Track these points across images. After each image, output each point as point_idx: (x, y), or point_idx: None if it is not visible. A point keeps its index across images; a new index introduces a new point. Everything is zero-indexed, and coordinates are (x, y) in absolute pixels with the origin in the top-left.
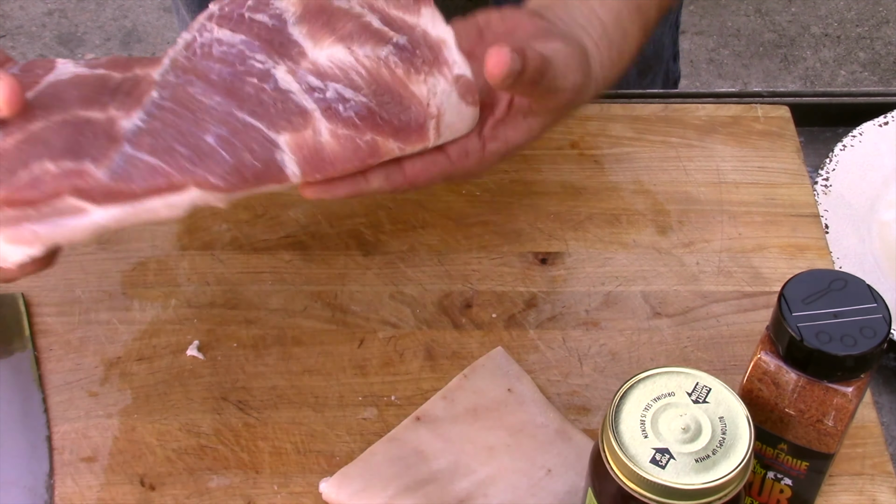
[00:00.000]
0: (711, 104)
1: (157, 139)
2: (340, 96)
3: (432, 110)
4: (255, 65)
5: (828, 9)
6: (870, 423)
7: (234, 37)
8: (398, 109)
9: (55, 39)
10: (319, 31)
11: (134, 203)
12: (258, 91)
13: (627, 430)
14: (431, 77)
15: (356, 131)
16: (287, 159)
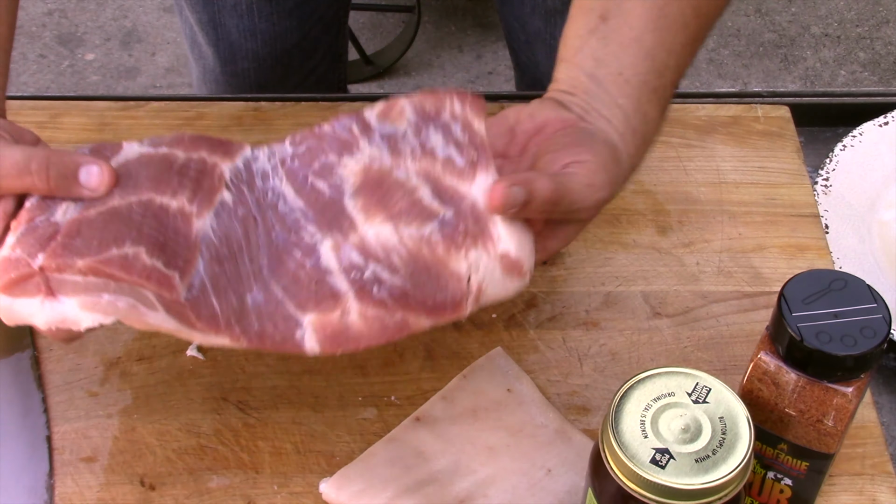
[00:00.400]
0: (711, 104)
1: (220, 277)
2: (377, 277)
3: (472, 286)
4: (304, 237)
5: (828, 9)
6: (870, 423)
7: (296, 200)
8: (434, 289)
9: (55, 39)
10: (373, 206)
11: (191, 330)
12: (298, 267)
13: (627, 430)
14: (474, 251)
15: (386, 311)
16: (308, 336)
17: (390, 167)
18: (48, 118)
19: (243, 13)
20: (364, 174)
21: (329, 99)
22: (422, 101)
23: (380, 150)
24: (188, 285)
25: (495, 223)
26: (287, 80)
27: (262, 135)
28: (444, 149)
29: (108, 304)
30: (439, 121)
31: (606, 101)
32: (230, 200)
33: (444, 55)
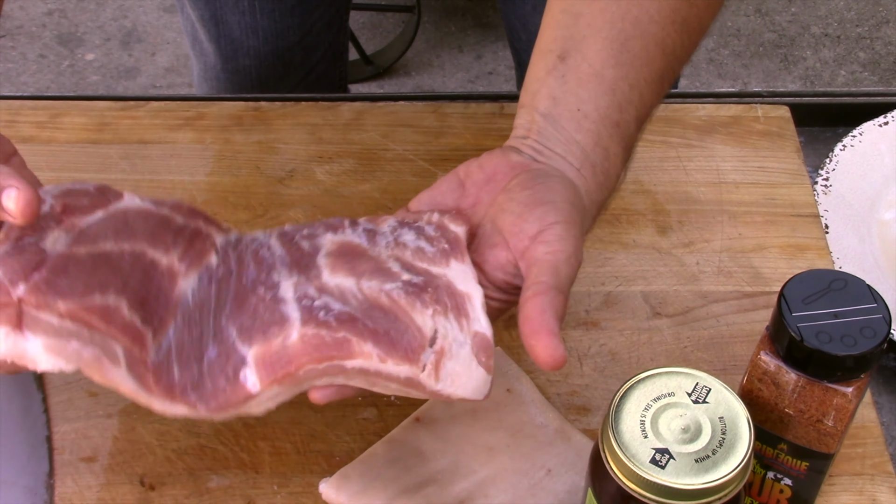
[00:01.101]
0: (711, 104)
1: (185, 344)
2: (326, 305)
3: (436, 346)
4: (273, 276)
5: (828, 9)
6: (870, 423)
7: (279, 248)
8: (389, 324)
9: (55, 39)
10: (339, 264)
11: (148, 394)
12: (258, 301)
13: (627, 430)
14: (442, 317)
15: (328, 330)
16: (250, 372)
17: (365, 248)
18: (48, 118)
19: (245, 10)
20: (340, 245)
21: (329, 99)
22: (405, 215)
23: (359, 237)
24: (157, 347)
25: (474, 306)
26: (288, 77)
27: (262, 134)
28: (414, 241)
29: (73, 351)
30: (415, 225)
31: (561, 139)
32: (214, 263)
33: (444, 55)
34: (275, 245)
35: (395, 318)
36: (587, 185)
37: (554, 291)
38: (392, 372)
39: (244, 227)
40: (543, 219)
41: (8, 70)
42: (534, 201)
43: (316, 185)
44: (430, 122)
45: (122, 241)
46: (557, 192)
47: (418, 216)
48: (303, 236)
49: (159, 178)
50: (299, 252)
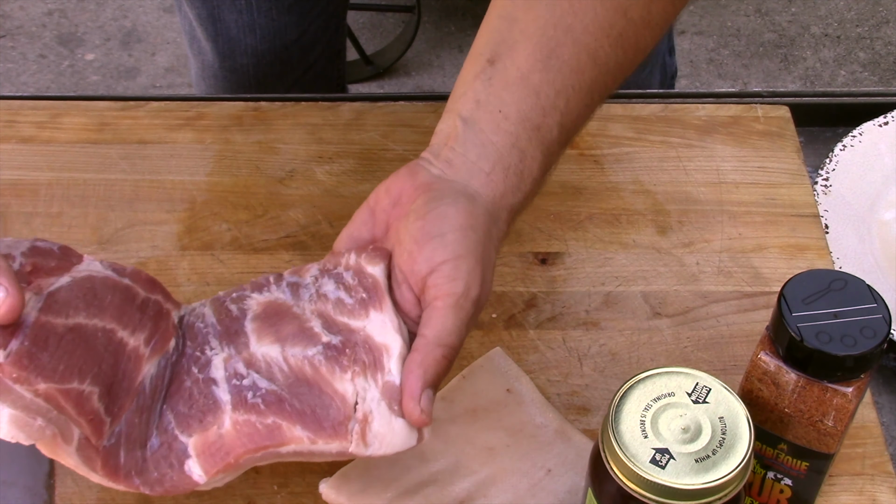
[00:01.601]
0: (711, 104)
1: (134, 429)
2: (254, 384)
3: (358, 414)
4: (206, 351)
5: (828, 9)
6: (870, 423)
7: (210, 316)
8: (314, 402)
9: (55, 39)
10: (265, 329)
11: (91, 472)
12: (193, 383)
13: (627, 430)
14: (361, 378)
15: (258, 415)
16: (193, 463)
17: (290, 305)
18: (48, 118)
19: (242, 8)
20: (266, 306)
21: (329, 99)
22: (325, 261)
23: (284, 293)
24: (110, 433)
25: (391, 356)
26: (286, 75)
27: (262, 134)
28: (334, 293)
29: (37, 428)
30: (333, 272)
31: (475, 142)
32: (172, 348)
33: (444, 55)
34: (208, 314)
35: (319, 391)
36: (497, 189)
37: (431, 346)
38: (324, 450)
39: (244, 226)
40: (432, 258)
41: (8, 70)
42: (424, 235)
43: (316, 185)
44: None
45: (93, 315)
46: (449, 221)
47: (338, 260)
48: (232, 300)
49: (159, 178)
50: (228, 318)
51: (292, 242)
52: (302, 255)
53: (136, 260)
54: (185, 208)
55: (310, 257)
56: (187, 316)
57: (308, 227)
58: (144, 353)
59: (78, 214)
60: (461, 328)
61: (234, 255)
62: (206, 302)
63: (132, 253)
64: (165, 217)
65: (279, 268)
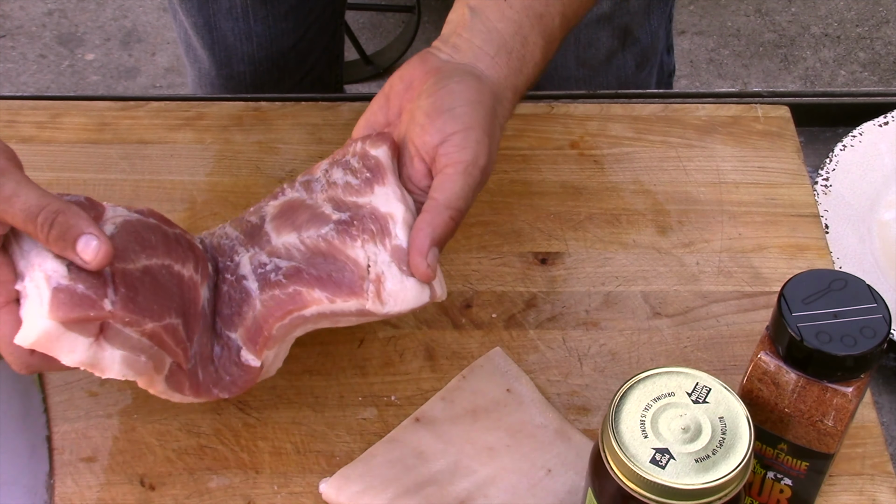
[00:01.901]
0: (711, 104)
1: (204, 348)
2: (276, 267)
3: (371, 275)
4: (233, 257)
5: (828, 9)
6: (870, 423)
7: (233, 232)
8: (329, 267)
9: (55, 39)
10: (283, 224)
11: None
12: (229, 287)
13: (627, 430)
14: (371, 245)
15: (280, 289)
16: (244, 353)
17: (302, 199)
18: (48, 118)
19: (238, 16)
20: (281, 206)
21: (329, 99)
22: (336, 153)
23: (297, 192)
24: (190, 356)
25: (395, 222)
26: (283, 82)
27: (262, 134)
28: (343, 178)
29: (143, 364)
30: (342, 160)
31: (481, 28)
32: (211, 271)
33: None
34: (230, 231)
35: (334, 259)
36: (501, 71)
37: (441, 208)
38: (344, 308)
39: None
40: (443, 129)
41: (8, 70)
42: (435, 110)
43: None
44: None
45: (151, 256)
46: (458, 96)
47: (345, 151)
48: (250, 213)
49: (159, 178)
50: (249, 227)
51: None
52: None
53: None
54: (185, 208)
55: None
56: (208, 240)
57: None
58: (198, 281)
59: None
60: (469, 193)
61: None
62: (224, 225)
63: None
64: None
65: None
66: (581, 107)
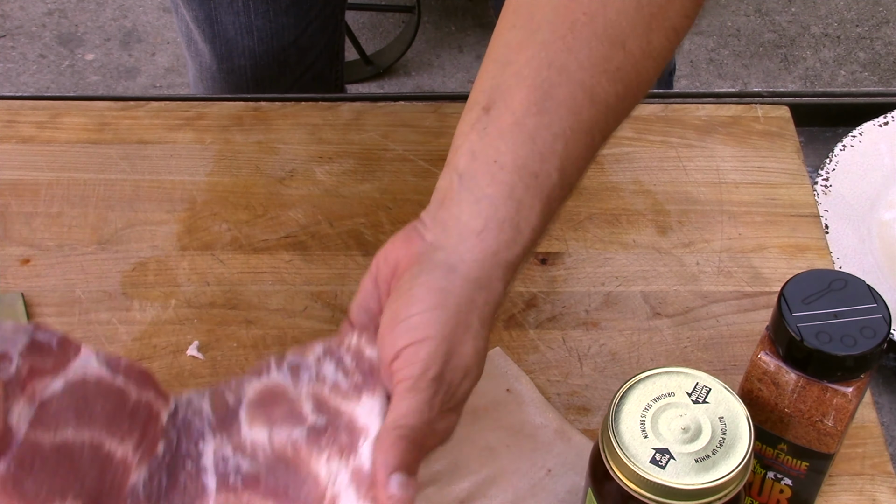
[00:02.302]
0: (711, 104)
1: None
2: (237, 467)
3: (328, 496)
4: (199, 445)
5: (828, 9)
6: (870, 423)
7: (208, 410)
8: (290, 480)
9: (55, 39)
10: (257, 414)
11: None
12: (187, 477)
13: (627, 430)
14: (336, 460)
15: (235, 495)
16: None
17: (286, 388)
18: (48, 118)
19: (239, 10)
20: (262, 390)
21: (329, 99)
22: (330, 341)
23: (283, 375)
24: None
25: (366, 439)
26: (284, 77)
27: (262, 134)
28: (333, 375)
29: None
30: (336, 354)
31: (469, 198)
32: (162, 450)
33: (444, 55)
34: (206, 408)
35: (296, 470)
36: (489, 248)
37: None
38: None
39: (244, 226)
40: (395, 344)
41: (8, 70)
42: (392, 319)
43: (316, 185)
44: (430, 122)
45: (82, 426)
46: (418, 302)
47: (342, 340)
48: (230, 389)
49: (159, 178)
50: (224, 409)
51: (292, 242)
52: (302, 255)
53: (137, 260)
54: (185, 208)
55: (310, 257)
56: (182, 409)
57: (308, 227)
58: (133, 462)
59: (78, 214)
60: (421, 408)
61: (234, 255)
62: (205, 393)
63: (132, 253)
64: (165, 217)
65: (279, 268)
66: None
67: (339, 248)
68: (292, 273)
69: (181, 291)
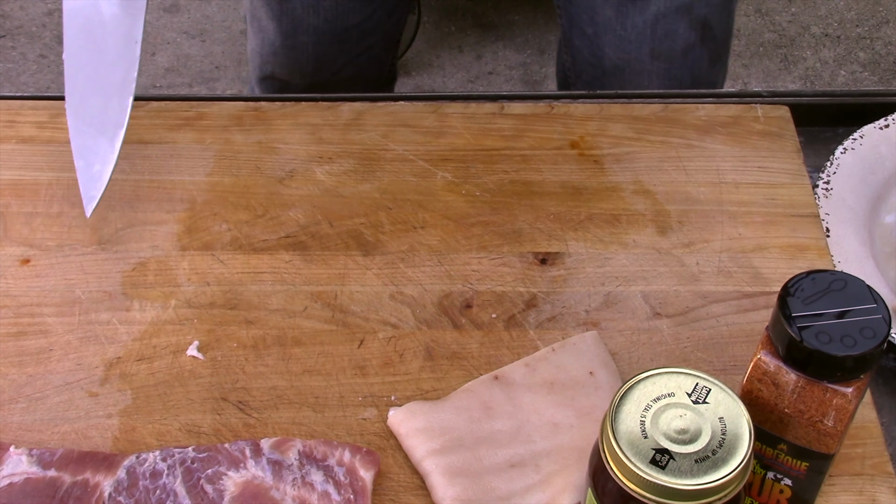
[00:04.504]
0: (711, 104)
1: None
2: None
3: None
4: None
5: (828, 9)
6: (870, 423)
7: (185, 498)
8: None
9: (55, 39)
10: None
11: None
12: None
13: (627, 430)
14: None
15: None
16: None
17: (269, 486)
18: (48, 118)
19: None
20: (244, 486)
21: (329, 99)
22: (313, 446)
23: (264, 471)
24: None
25: None
26: (342, 55)
27: (262, 134)
28: (322, 484)
29: None
30: (324, 463)
31: None
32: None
33: (444, 55)
34: (180, 490)
35: None
36: None
37: None
38: None
39: (244, 226)
40: None
41: (8, 70)
42: None
43: (316, 185)
44: (430, 122)
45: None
46: None
47: (329, 450)
48: (206, 477)
49: (159, 178)
50: (205, 500)
51: (292, 242)
52: (302, 255)
53: (136, 260)
54: (185, 208)
55: (310, 257)
56: (141, 478)
57: (308, 227)
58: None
59: (78, 214)
60: None
61: (234, 255)
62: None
63: (132, 253)
64: (165, 217)
65: (279, 268)
66: (581, 107)
67: (339, 248)
68: (292, 273)
69: (181, 291)
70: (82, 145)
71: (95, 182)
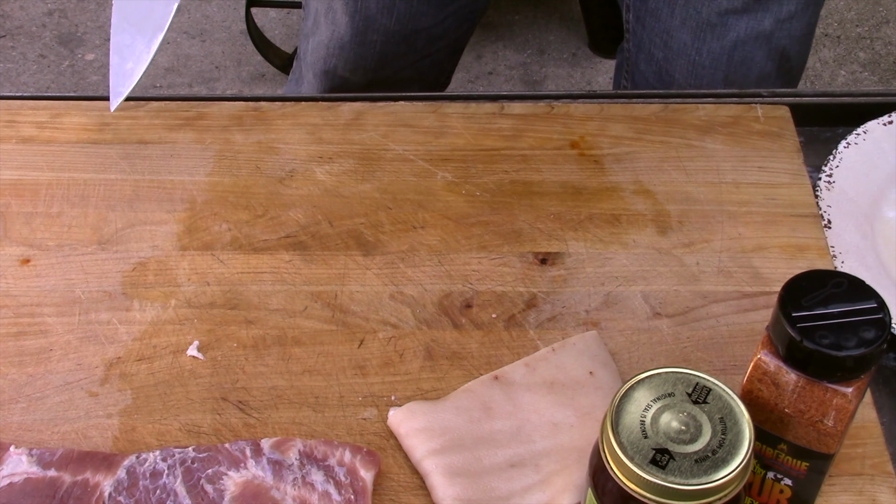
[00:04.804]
0: (711, 104)
1: None
2: None
3: None
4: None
5: (828, 9)
6: (870, 423)
7: (185, 498)
8: None
9: (55, 39)
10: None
11: None
12: None
13: (627, 430)
14: None
15: None
16: None
17: (269, 486)
18: (48, 118)
19: None
20: (244, 486)
21: (329, 99)
22: (313, 446)
23: (264, 471)
24: None
25: None
26: (407, 57)
27: (262, 134)
28: (323, 484)
29: None
30: (324, 463)
31: None
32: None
33: None
34: (180, 490)
35: None
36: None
37: None
38: None
39: (244, 226)
40: None
41: (8, 70)
42: None
43: (316, 185)
44: (430, 122)
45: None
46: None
47: (329, 450)
48: (207, 477)
49: (159, 178)
50: (205, 499)
51: (292, 242)
52: (302, 254)
53: (136, 260)
54: (185, 208)
55: (310, 257)
56: (143, 476)
57: (308, 227)
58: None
59: (78, 214)
60: None
61: (234, 255)
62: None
63: (132, 253)
64: (165, 217)
65: (279, 268)
66: (581, 107)
67: (339, 248)
68: (292, 273)
69: (181, 291)
70: (120, 42)
71: (126, 79)
